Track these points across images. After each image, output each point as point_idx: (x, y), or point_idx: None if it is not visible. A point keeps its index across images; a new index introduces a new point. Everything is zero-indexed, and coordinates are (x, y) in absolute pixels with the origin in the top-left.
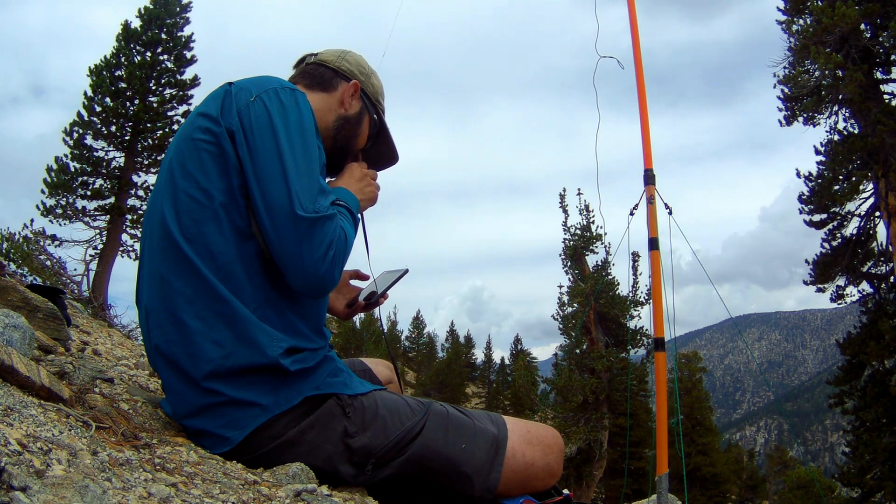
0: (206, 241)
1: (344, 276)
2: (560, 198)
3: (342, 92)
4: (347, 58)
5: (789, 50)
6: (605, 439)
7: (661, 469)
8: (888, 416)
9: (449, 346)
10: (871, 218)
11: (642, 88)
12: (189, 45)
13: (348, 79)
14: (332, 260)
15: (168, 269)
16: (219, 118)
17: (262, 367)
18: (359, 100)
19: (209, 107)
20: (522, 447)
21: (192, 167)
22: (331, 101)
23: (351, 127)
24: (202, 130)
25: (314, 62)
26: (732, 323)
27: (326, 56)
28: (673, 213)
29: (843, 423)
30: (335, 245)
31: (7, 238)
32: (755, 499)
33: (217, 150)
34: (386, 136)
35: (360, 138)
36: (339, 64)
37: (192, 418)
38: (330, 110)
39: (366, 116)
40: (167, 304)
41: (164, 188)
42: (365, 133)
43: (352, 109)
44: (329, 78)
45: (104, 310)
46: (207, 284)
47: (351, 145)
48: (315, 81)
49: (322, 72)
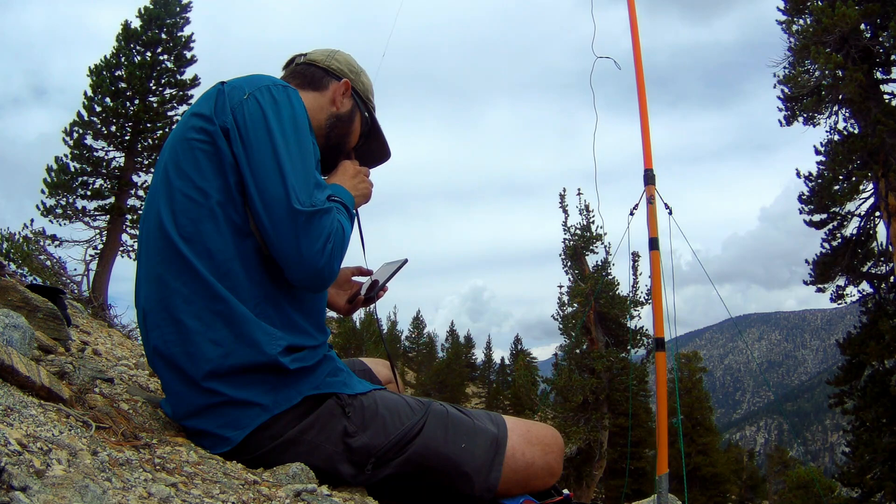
0: (204, 239)
1: (345, 273)
2: (560, 198)
3: (333, 91)
4: (337, 57)
5: (789, 50)
6: (605, 439)
7: (661, 469)
8: (888, 416)
9: (449, 346)
10: (871, 218)
11: (642, 88)
12: (189, 45)
13: (339, 77)
14: (330, 252)
15: (165, 270)
16: (212, 117)
17: (262, 366)
18: (350, 98)
19: (202, 107)
20: (522, 447)
21: (188, 167)
22: (322, 101)
23: (343, 125)
24: (196, 130)
25: (304, 62)
26: (732, 323)
27: (316, 56)
28: (673, 213)
29: (843, 423)
30: (333, 238)
31: (7, 238)
32: (755, 499)
33: (212, 149)
34: (378, 133)
35: (352, 136)
36: (328, 63)
37: (191, 419)
38: (322, 109)
39: (357, 114)
40: (165, 304)
41: (159, 189)
42: (357, 131)
43: (343, 108)
44: (319, 77)
45: (104, 310)
46: (205, 284)
47: (343, 143)
48: (306, 81)
49: (312, 72)
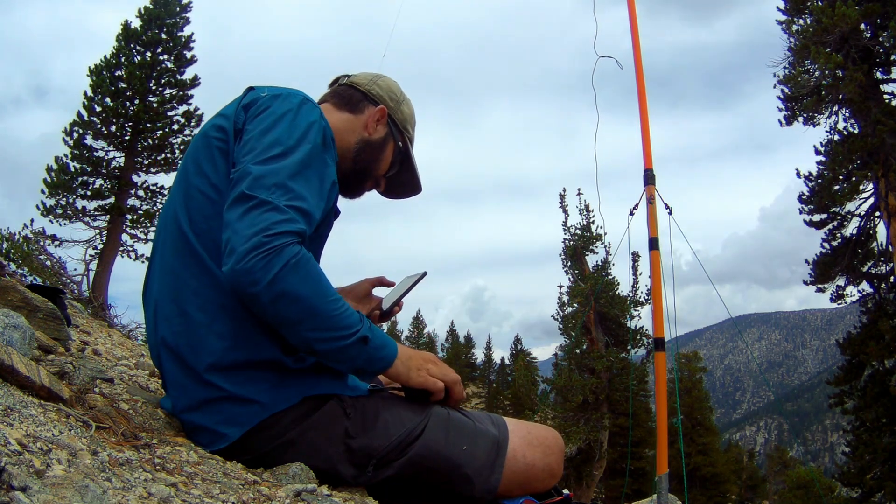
0: (214, 236)
1: (365, 286)
2: (560, 198)
3: (368, 115)
4: (379, 82)
5: (789, 50)
6: (605, 439)
7: (661, 469)
8: (888, 416)
9: (449, 346)
10: (871, 218)
11: (642, 89)
12: (189, 45)
13: (377, 103)
14: (256, 245)
15: (178, 263)
16: (231, 116)
17: (263, 363)
18: (385, 125)
19: (228, 108)
20: (523, 448)
21: (205, 164)
22: (356, 123)
23: (372, 151)
24: (216, 129)
25: (346, 83)
26: (732, 323)
27: (359, 79)
28: (673, 212)
29: (843, 423)
30: (273, 238)
31: (7, 238)
32: (755, 499)
33: (226, 147)
34: (410, 165)
35: (381, 164)
36: (369, 87)
37: (191, 412)
38: (353, 132)
39: (390, 143)
40: (176, 296)
41: (178, 186)
42: (388, 159)
43: (376, 134)
44: (357, 100)
45: (104, 310)
46: (213, 278)
47: (371, 169)
48: (343, 102)
49: (352, 94)
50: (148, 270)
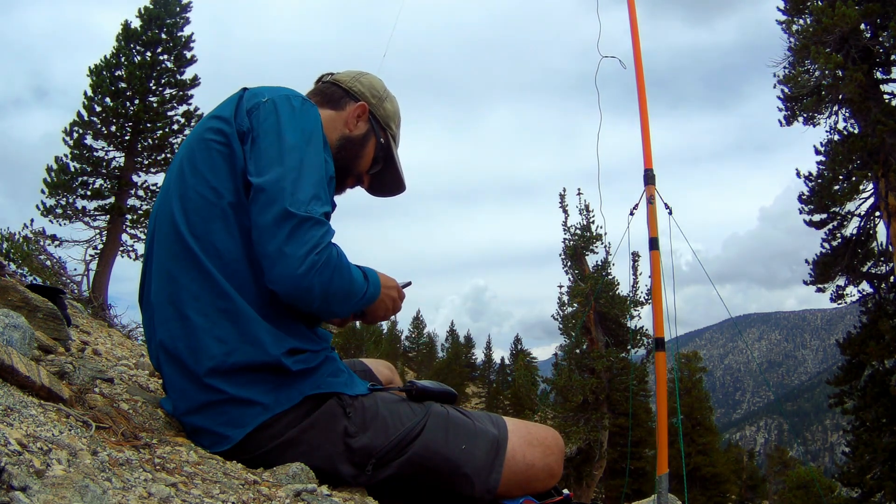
0: (213, 238)
1: None
2: (560, 198)
3: (349, 112)
4: (361, 79)
5: (789, 50)
6: (605, 439)
7: (661, 469)
8: (888, 416)
9: (449, 346)
10: (871, 218)
11: (642, 89)
12: (189, 45)
13: (358, 100)
14: (311, 264)
15: (175, 266)
16: (231, 120)
17: (264, 366)
18: (366, 121)
19: (223, 109)
20: (523, 448)
21: (203, 166)
22: (337, 120)
23: (353, 148)
24: (214, 131)
25: (329, 80)
26: (732, 323)
27: (341, 76)
28: (673, 212)
29: (843, 423)
30: (321, 253)
31: (7, 238)
32: (755, 499)
33: (227, 151)
34: (392, 163)
35: (362, 160)
36: (350, 84)
37: (192, 415)
38: (334, 129)
39: (371, 139)
40: (173, 300)
41: (173, 187)
42: (369, 156)
43: (357, 130)
44: (339, 97)
45: (104, 310)
46: (213, 281)
47: (352, 166)
48: (325, 98)
49: (333, 90)
50: (143, 273)
